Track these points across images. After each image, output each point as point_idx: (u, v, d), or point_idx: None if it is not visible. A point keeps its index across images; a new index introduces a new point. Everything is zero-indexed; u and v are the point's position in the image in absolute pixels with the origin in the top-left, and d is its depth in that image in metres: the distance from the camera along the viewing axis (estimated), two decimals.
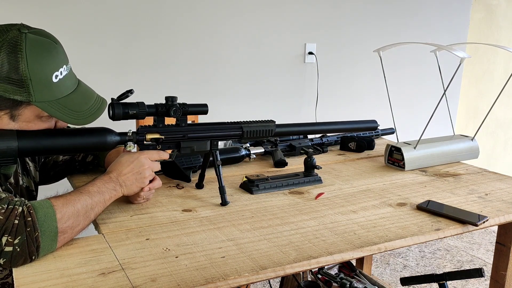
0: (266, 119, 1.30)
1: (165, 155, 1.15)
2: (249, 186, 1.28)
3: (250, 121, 1.27)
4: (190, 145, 1.18)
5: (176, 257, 0.90)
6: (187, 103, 1.16)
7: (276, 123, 1.30)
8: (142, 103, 1.10)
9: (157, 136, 1.13)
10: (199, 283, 0.81)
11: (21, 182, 1.13)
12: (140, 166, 1.08)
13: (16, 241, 0.83)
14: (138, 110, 1.08)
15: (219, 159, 1.20)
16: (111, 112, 1.07)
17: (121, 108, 1.07)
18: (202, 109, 1.18)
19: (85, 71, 2.20)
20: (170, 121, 1.16)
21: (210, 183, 1.33)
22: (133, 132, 1.12)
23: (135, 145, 1.13)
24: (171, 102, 1.13)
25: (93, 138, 1.05)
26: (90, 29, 2.17)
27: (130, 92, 1.08)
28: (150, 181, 1.12)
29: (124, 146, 1.12)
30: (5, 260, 0.83)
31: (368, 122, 1.50)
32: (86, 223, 0.97)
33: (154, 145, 1.14)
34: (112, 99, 1.08)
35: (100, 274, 0.83)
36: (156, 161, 1.13)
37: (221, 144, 1.58)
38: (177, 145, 1.17)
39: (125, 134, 1.11)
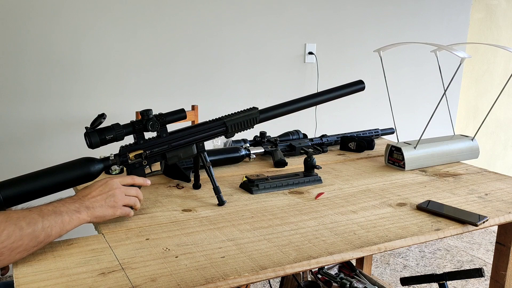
0: (248, 107, 1.26)
1: (139, 180, 1.09)
2: (249, 186, 1.28)
3: (232, 113, 1.23)
4: (176, 154, 1.16)
5: (176, 257, 0.90)
6: (163, 112, 1.14)
7: (259, 108, 1.24)
8: (117, 124, 1.08)
9: (140, 152, 1.12)
10: (199, 283, 0.81)
11: None
12: (110, 189, 1.01)
13: None
14: (115, 134, 1.07)
15: (208, 161, 1.19)
16: (87, 142, 1.06)
17: (96, 136, 1.06)
18: (179, 115, 1.16)
19: (84, 71, 2.20)
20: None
21: (209, 183, 1.32)
22: (115, 155, 1.10)
23: (121, 167, 1.11)
24: (147, 117, 1.11)
25: (75, 171, 1.03)
26: (90, 30, 2.17)
27: (102, 117, 1.06)
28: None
29: (110, 171, 1.10)
30: None
31: (355, 84, 1.38)
32: (32, 244, 0.84)
33: (140, 162, 1.12)
34: (86, 128, 1.06)
35: (100, 274, 0.83)
36: (130, 185, 1.06)
37: (221, 144, 1.58)
38: (163, 156, 1.16)
39: (107, 159, 1.09)
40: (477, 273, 1.46)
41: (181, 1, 2.34)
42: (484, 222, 1.10)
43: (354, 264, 1.90)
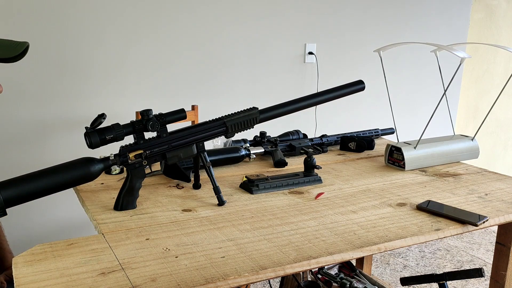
0: (248, 107, 1.26)
1: None
2: (249, 186, 1.28)
3: (232, 113, 1.23)
4: (176, 154, 1.17)
5: (176, 257, 0.90)
6: (163, 112, 1.15)
7: (259, 108, 1.25)
8: (117, 124, 1.09)
9: (140, 152, 1.13)
10: (199, 283, 0.81)
11: None
12: None
13: None
14: (115, 133, 1.08)
15: (208, 161, 1.19)
16: (88, 142, 1.06)
17: (97, 135, 1.06)
18: (179, 115, 1.16)
19: (84, 71, 2.20)
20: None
21: (209, 183, 1.32)
22: (115, 155, 1.10)
23: (121, 167, 1.11)
24: (147, 117, 1.11)
25: (76, 171, 1.04)
26: (91, 30, 2.17)
27: (102, 117, 1.07)
28: None
29: (110, 172, 1.10)
30: None
31: (355, 84, 1.38)
32: None
33: (140, 162, 1.13)
34: (86, 128, 1.07)
35: (100, 274, 0.83)
36: None
37: (221, 144, 1.58)
38: (163, 156, 1.16)
39: (107, 159, 1.09)
40: (477, 273, 1.46)
41: (181, 1, 2.34)
42: (484, 222, 1.10)
43: (354, 264, 1.90)
